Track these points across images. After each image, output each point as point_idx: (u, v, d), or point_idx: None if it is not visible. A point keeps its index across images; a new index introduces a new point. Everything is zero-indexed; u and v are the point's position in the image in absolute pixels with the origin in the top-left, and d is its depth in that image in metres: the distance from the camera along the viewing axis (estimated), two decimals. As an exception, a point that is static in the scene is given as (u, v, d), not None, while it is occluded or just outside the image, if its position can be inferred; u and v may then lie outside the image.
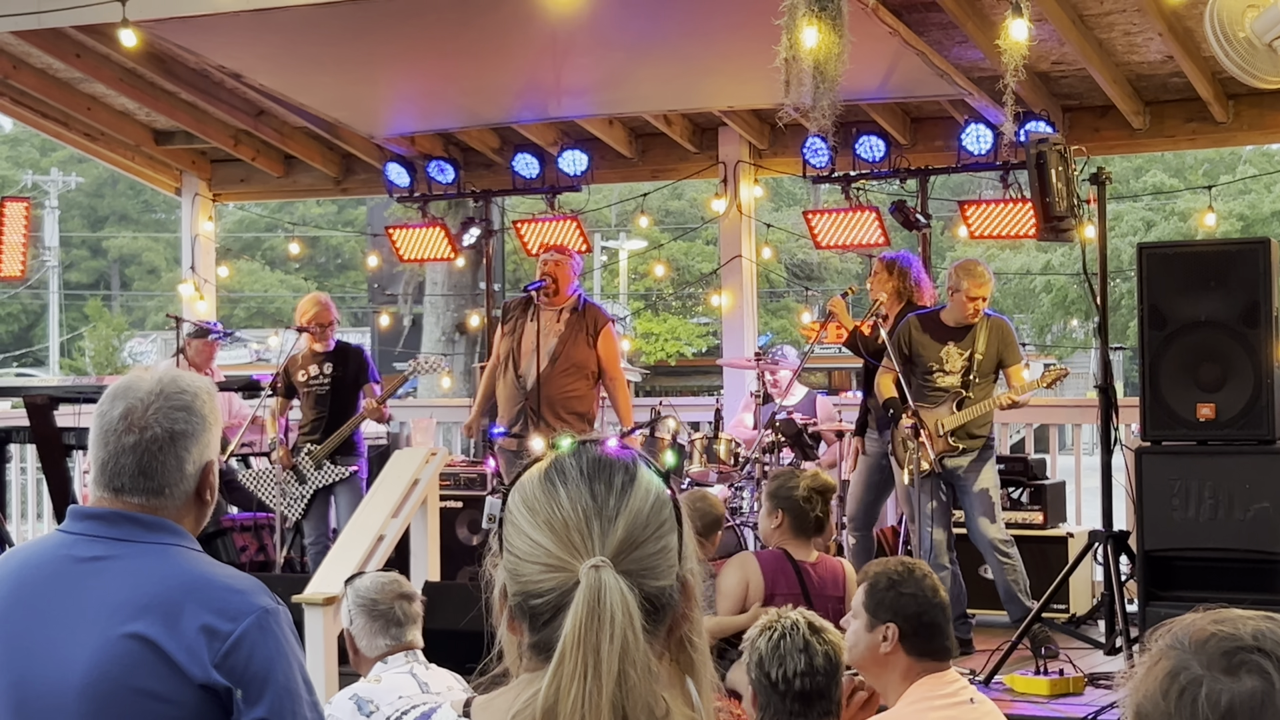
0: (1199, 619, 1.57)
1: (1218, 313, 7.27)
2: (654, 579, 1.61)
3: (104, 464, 2.70)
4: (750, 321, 11.14)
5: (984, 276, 8.05)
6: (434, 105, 11.00)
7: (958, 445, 7.98)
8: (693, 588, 1.65)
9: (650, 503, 1.63)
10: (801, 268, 33.05)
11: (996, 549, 7.96)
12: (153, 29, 8.98)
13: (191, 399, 2.73)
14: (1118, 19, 8.82)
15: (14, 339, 40.68)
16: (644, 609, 1.58)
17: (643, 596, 1.59)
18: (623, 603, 1.55)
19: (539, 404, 8.53)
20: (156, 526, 2.68)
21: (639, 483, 1.64)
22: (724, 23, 8.88)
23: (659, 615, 1.62)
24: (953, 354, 8.06)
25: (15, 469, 11.71)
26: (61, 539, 2.71)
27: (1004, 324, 8.27)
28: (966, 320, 8.05)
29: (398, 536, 7.41)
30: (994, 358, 8.08)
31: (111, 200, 43.08)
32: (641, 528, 1.62)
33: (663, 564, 1.62)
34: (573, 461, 1.66)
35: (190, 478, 2.71)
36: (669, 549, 1.63)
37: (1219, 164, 31.39)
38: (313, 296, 9.58)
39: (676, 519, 1.65)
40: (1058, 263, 31.68)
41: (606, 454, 1.67)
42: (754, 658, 3.89)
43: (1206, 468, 7.24)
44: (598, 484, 1.63)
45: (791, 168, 10.76)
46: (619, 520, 1.61)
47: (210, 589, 2.62)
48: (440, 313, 19.77)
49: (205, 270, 12.52)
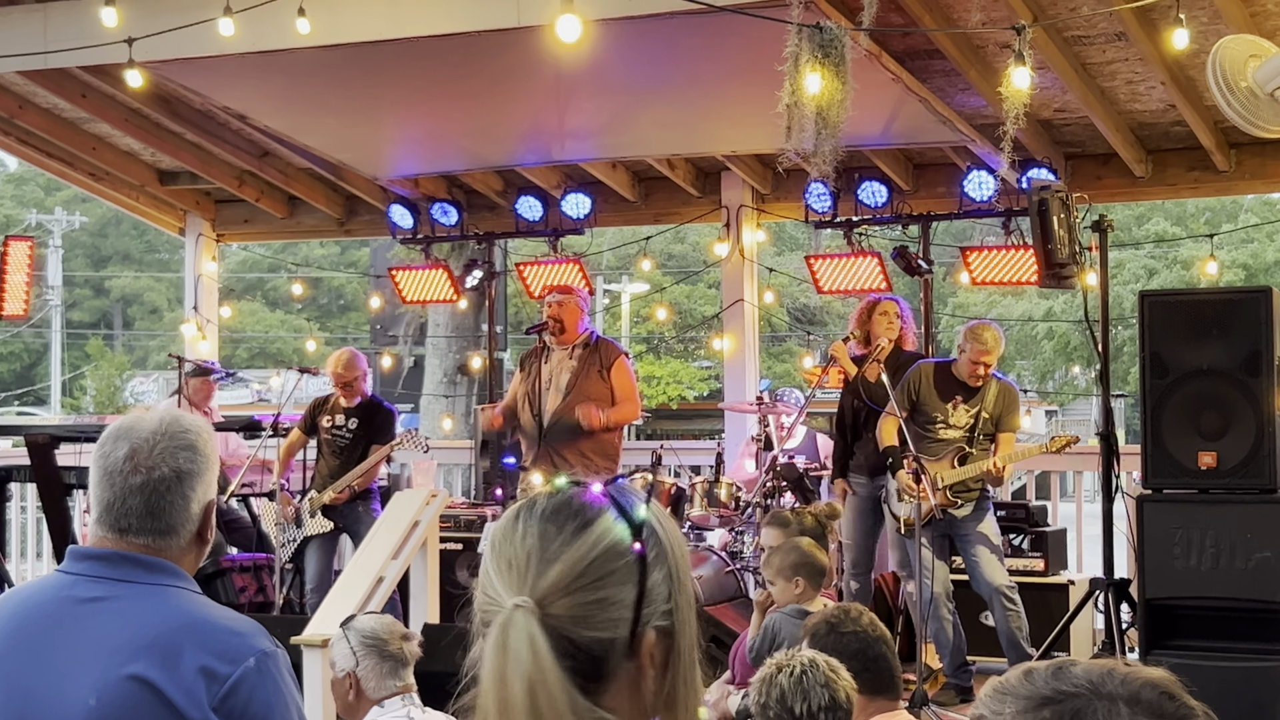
0: None
1: (1220, 361, 7.26)
2: (587, 629, 1.57)
3: (109, 505, 2.69)
4: (752, 365, 11.15)
5: (988, 343, 8.04)
6: (438, 147, 11.04)
7: (956, 500, 7.99)
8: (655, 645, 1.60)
9: (597, 551, 1.60)
10: (803, 312, 33.08)
11: (1002, 594, 7.95)
12: (158, 70, 9.02)
13: (195, 438, 2.73)
14: (1120, 67, 8.86)
15: (16, 377, 40.68)
16: (571, 657, 1.55)
17: (575, 645, 1.56)
18: (529, 644, 1.53)
19: (556, 440, 8.53)
20: (157, 568, 2.67)
21: (591, 530, 1.61)
22: (727, 68, 8.91)
23: (596, 668, 1.58)
24: (960, 409, 8.08)
25: (15, 508, 11.68)
26: (61, 579, 2.70)
27: (1011, 389, 8.30)
28: (971, 383, 8.08)
29: (397, 578, 7.39)
30: (997, 420, 8.11)
31: (115, 240, 43.18)
32: (578, 575, 1.58)
33: (600, 615, 1.58)
34: (545, 501, 1.65)
35: (195, 518, 2.72)
36: (612, 601, 1.58)
37: (1221, 213, 31.47)
38: (342, 351, 9.62)
39: (639, 572, 1.60)
40: (1059, 309, 31.72)
41: (574, 497, 1.65)
42: (773, 694, 3.84)
43: (1208, 516, 7.22)
44: (550, 525, 1.62)
45: (794, 212, 10.78)
46: (556, 564, 1.59)
47: (209, 631, 2.61)
48: (442, 354, 19.79)
49: (208, 310, 12.54)
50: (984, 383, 8.09)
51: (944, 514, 7.96)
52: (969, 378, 8.08)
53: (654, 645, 1.59)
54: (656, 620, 1.60)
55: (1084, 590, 7.95)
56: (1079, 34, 8.43)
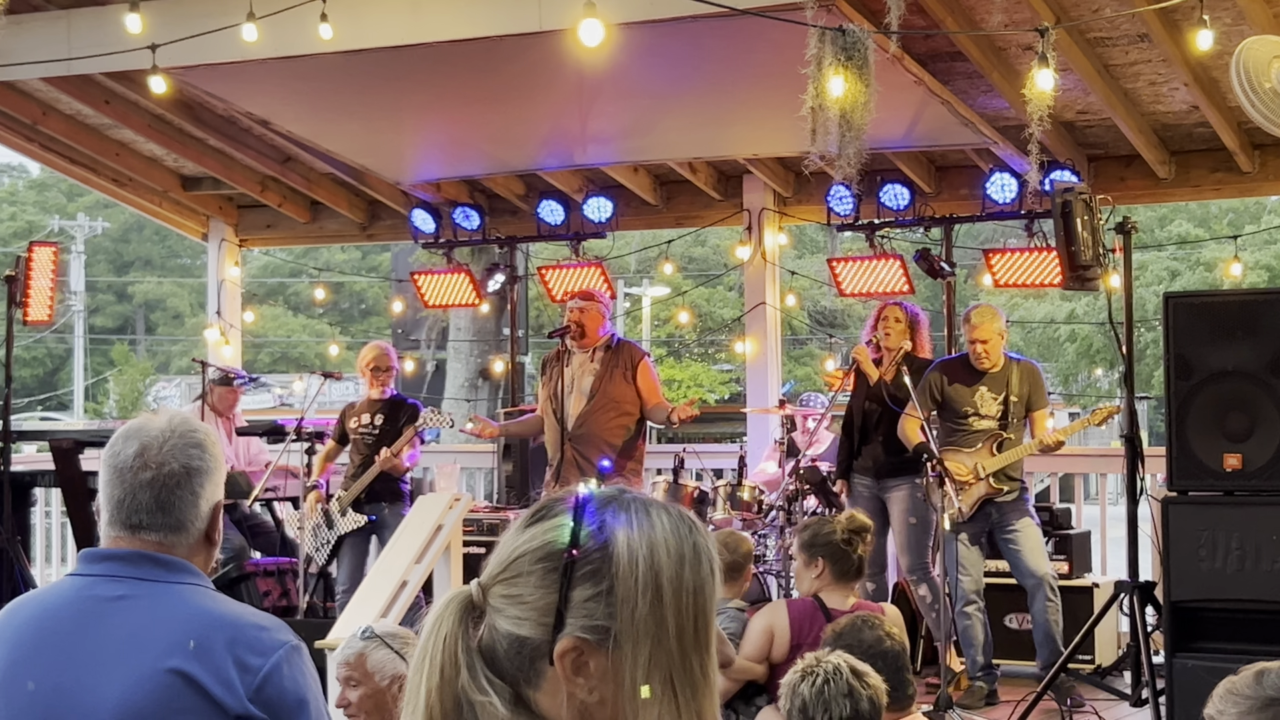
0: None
1: (1245, 362, 7.23)
2: (503, 619, 1.60)
3: (119, 502, 2.73)
4: (774, 368, 11.14)
5: (976, 320, 8.13)
6: (460, 152, 11.05)
7: (1000, 487, 8.02)
8: (571, 654, 1.58)
9: (528, 549, 1.61)
10: (825, 315, 33.03)
11: (1045, 585, 7.99)
12: (182, 76, 9.05)
13: (204, 437, 2.80)
14: (1143, 69, 8.84)
15: (39, 383, 40.82)
16: (490, 638, 1.61)
17: (496, 631, 1.60)
18: (443, 609, 1.62)
19: (580, 444, 8.54)
20: (176, 566, 2.72)
21: (536, 528, 1.63)
22: (748, 72, 8.91)
23: (508, 658, 1.60)
24: (986, 398, 8.13)
25: (40, 513, 11.74)
26: (78, 581, 2.74)
27: (1033, 368, 8.37)
28: (979, 365, 8.10)
29: (421, 582, 7.40)
30: (1026, 401, 8.14)
31: (137, 245, 43.31)
32: (505, 566, 1.62)
33: (513, 610, 1.60)
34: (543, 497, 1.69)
35: (203, 517, 2.77)
36: (526, 600, 1.59)
37: (1244, 214, 31.33)
38: (372, 343, 9.72)
39: (564, 580, 1.59)
40: (1082, 312, 31.62)
41: (557, 497, 1.66)
42: (796, 704, 3.83)
43: (1234, 518, 7.18)
44: (522, 518, 1.66)
45: (816, 215, 10.77)
46: (498, 552, 1.64)
47: (238, 626, 2.67)
48: (464, 358, 19.82)
49: (231, 315, 12.57)
50: (997, 365, 8.14)
51: (984, 508, 7.98)
52: (976, 361, 8.15)
53: (573, 652, 1.58)
54: (580, 632, 1.58)
55: (1109, 593, 7.91)
56: (1102, 35, 8.41)
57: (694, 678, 1.62)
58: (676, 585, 1.62)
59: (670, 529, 1.64)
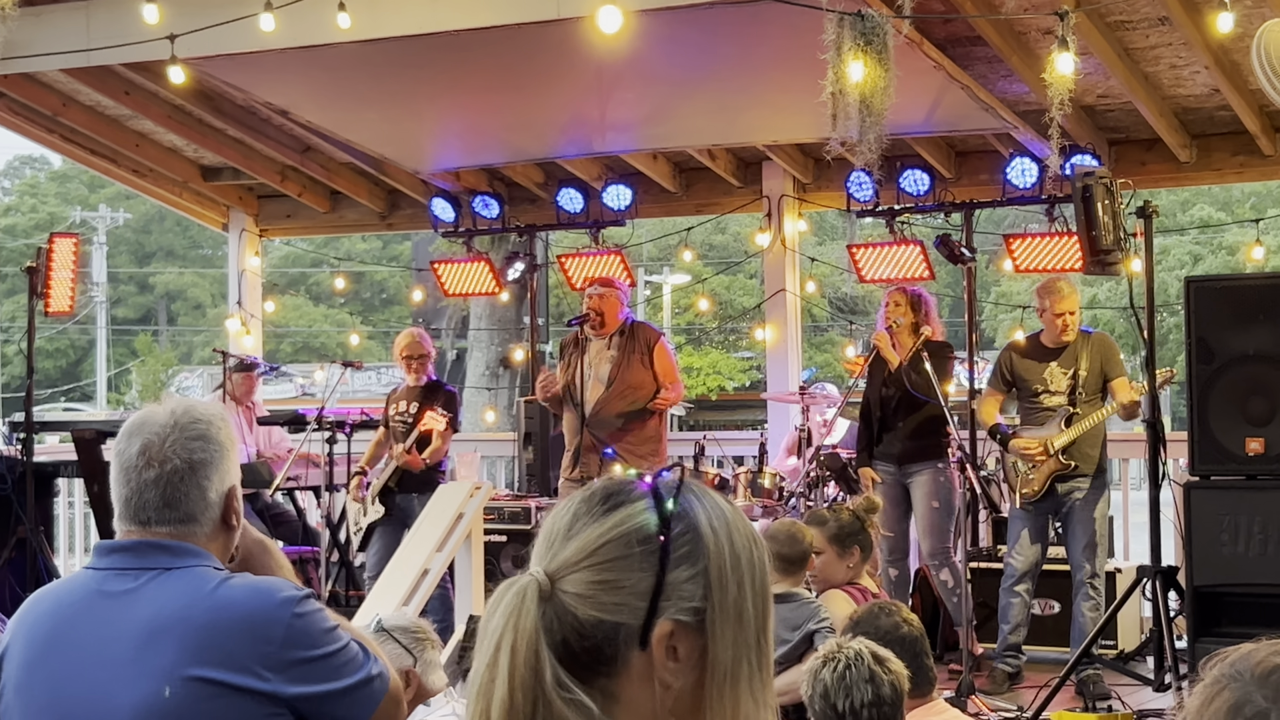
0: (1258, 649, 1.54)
1: (1266, 346, 7.21)
2: (591, 608, 1.56)
3: (128, 500, 2.77)
4: (794, 355, 11.13)
5: (1063, 292, 8.04)
6: (479, 141, 11.06)
7: (1070, 463, 7.95)
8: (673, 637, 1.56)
9: (618, 533, 1.58)
10: (845, 301, 32.98)
11: (1091, 583, 7.94)
12: (201, 66, 9.06)
13: (206, 427, 2.79)
14: (1164, 52, 8.80)
15: (62, 374, 40.97)
16: (576, 634, 1.55)
17: (579, 623, 1.55)
18: (519, 605, 1.54)
19: (599, 429, 8.54)
20: (182, 551, 2.74)
21: (617, 513, 1.60)
22: (767, 58, 8.89)
23: (598, 650, 1.56)
24: (1056, 374, 8.05)
25: (63, 503, 11.78)
26: (90, 575, 2.77)
27: (1106, 339, 8.31)
28: (1061, 339, 8.05)
29: (442, 570, 7.42)
30: (1099, 374, 8.03)
31: (159, 236, 43.41)
32: (591, 553, 1.57)
33: (604, 597, 1.56)
34: (597, 484, 1.66)
35: (215, 505, 2.78)
36: (620, 585, 1.56)
37: (1266, 197, 31.20)
38: (407, 330, 9.84)
39: (659, 562, 1.57)
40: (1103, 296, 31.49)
41: (622, 482, 1.64)
42: (818, 689, 3.85)
43: (1256, 502, 7.17)
44: (585, 504, 1.62)
45: (835, 201, 10.75)
46: (576, 539, 1.59)
47: (238, 600, 2.68)
48: (485, 347, 19.82)
49: (252, 305, 12.60)
50: (1070, 339, 8.05)
51: (1053, 488, 7.95)
52: (1059, 335, 8.04)
53: (669, 636, 1.56)
54: (677, 614, 1.57)
55: (1131, 578, 7.90)
56: (1122, 19, 8.37)
57: (765, 659, 1.63)
58: (751, 567, 1.63)
59: (734, 513, 1.65)
